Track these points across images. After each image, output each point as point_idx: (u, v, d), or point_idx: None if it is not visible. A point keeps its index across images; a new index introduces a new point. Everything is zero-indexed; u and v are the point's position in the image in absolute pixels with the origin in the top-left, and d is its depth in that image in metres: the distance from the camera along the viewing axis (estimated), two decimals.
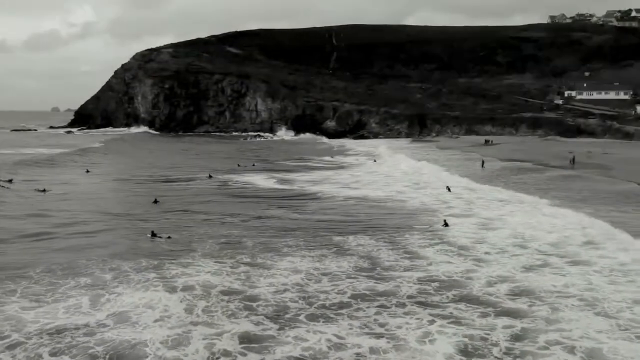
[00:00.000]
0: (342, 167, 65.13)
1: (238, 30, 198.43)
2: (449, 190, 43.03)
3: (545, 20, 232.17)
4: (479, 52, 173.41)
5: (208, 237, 28.27)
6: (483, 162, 62.32)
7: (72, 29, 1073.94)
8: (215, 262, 23.61)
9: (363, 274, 22.31)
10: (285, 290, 20.17)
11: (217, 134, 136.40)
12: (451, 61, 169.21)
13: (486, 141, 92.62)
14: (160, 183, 51.17)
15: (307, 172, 59.82)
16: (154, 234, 28.51)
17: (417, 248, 26.29)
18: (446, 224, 30.46)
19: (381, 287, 20.67)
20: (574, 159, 60.91)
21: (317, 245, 26.79)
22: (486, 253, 25.43)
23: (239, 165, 64.99)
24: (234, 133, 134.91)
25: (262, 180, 51.82)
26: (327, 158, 77.80)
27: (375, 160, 72.77)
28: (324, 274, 22.14)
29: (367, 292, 20.06)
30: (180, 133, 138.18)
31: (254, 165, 65.91)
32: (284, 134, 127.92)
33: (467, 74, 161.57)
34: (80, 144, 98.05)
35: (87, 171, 57.47)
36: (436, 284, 21.01)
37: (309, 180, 52.58)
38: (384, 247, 26.49)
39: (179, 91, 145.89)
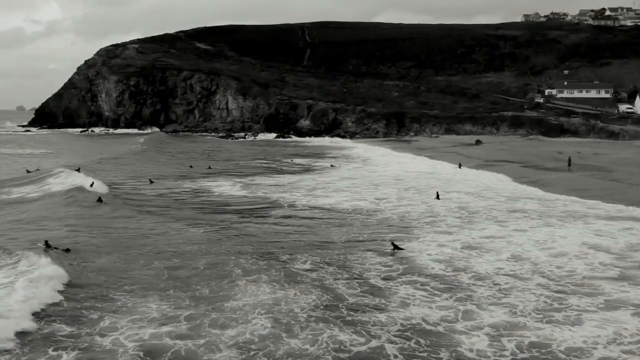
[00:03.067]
0: (312, 171, 58.82)
1: (208, 26, 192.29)
2: (438, 197, 37.70)
3: (510, 19, 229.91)
4: (456, 50, 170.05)
5: (131, 261, 22.52)
6: (460, 164, 57.87)
7: (37, 27, 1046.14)
8: (143, 299, 17.97)
9: (330, 316, 16.97)
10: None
11: (186, 133, 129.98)
12: (428, 59, 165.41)
13: (477, 141, 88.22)
14: None
15: (274, 176, 53.19)
16: (48, 245, 22.92)
17: (381, 281, 20.91)
18: (395, 247, 25.15)
19: (358, 345, 15.24)
20: (570, 161, 56.63)
21: (274, 274, 21.24)
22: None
23: (191, 167, 58.94)
24: (203, 133, 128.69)
25: (220, 186, 45.27)
26: (298, 160, 71.74)
27: (344, 161, 67.55)
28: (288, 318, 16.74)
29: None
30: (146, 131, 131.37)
31: (209, 168, 59.72)
32: (257, 133, 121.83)
33: (445, 72, 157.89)
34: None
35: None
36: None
37: (274, 184, 46.46)
38: (346, 275, 21.24)
39: (145, 88, 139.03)
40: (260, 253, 24.07)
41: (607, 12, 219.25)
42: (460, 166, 57.61)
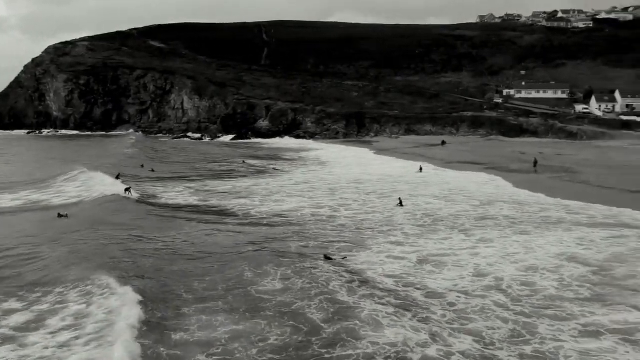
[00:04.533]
0: (269, 174, 56.13)
1: (161, 24, 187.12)
2: (401, 204, 35.60)
3: (460, 21, 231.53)
4: (414, 51, 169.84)
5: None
6: (421, 167, 55.51)
7: None
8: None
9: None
10: None
11: (140, 133, 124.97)
12: (386, 59, 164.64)
13: (443, 142, 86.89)
14: None
15: (229, 180, 50.33)
16: None
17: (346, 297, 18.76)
18: (328, 258, 23.25)
19: None
20: (536, 162, 55.74)
21: (231, 300, 18.84)
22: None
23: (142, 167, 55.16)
24: (158, 134, 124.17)
25: (168, 192, 42.44)
26: (255, 162, 68.76)
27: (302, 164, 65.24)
28: None
29: None
30: (98, 133, 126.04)
31: (152, 170, 56.26)
32: (214, 133, 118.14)
33: (404, 72, 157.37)
34: None
35: None
36: None
37: (228, 191, 43.67)
38: (314, 296, 18.99)
39: (96, 87, 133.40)
40: (213, 273, 21.56)
41: (560, 14, 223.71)
42: (421, 169, 54.65)
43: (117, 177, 47.52)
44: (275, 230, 29.40)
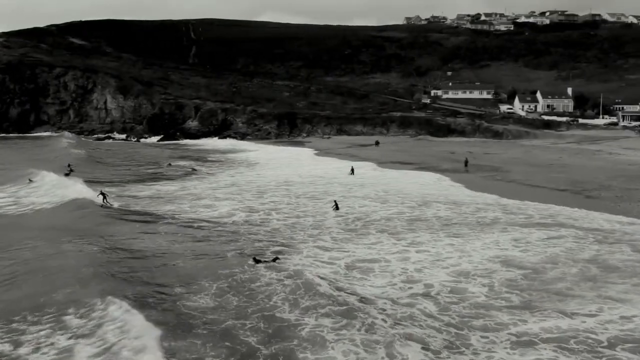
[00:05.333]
0: (197, 177, 53.40)
1: (83, 20, 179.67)
2: (337, 207, 34.68)
3: (385, 23, 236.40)
4: (343, 51, 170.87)
5: None
6: (353, 168, 53.04)
7: None
8: None
9: None
10: None
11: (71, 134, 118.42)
12: (317, 59, 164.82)
13: (376, 142, 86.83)
14: None
15: (152, 184, 47.10)
16: None
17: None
18: (258, 261, 22.82)
19: None
20: (467, 162, 56.50)
21: (161, 316, 17.35)
22: None
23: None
24: (79, 135, 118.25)
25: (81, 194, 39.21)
26: (182, 163, 65.91)
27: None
28: None
29: None
30: (13, 135, 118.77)
31: (71, 170, 52.52)
32: (140, 134, 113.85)
33: (334, 73, 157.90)
34: None
35: None
36: None
37: (152, 196, 41.05)
38: (252, 309, 18.05)
39: (11, 86, 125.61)
40: (140, 290, 19.83)
41: (483, 17, 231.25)
42: (352, 171, 52.39)
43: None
44: (208, 236, 27.88)
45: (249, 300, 18.85)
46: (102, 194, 36.53)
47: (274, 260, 22.99)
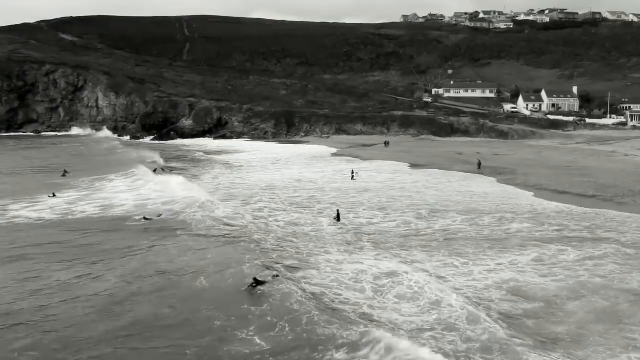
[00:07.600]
0: (193, 179, 50.54)
1: (74, 16, 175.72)
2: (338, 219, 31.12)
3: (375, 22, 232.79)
4: (342, 49, 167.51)
5: None
6: (353, 171, 49.37)
7: None
8: None
9: None
10: None
11: (50, 133, 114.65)
12: (314, 57, 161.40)
13: (386, 143, 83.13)
14: None
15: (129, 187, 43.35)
16: None
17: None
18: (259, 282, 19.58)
19: None
20: (480, 164, 53.19)
21: None
22: None
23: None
24: (70, 133, 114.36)
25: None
26: (173, 164, 61.75)
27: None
28: None
29: None
30: (2, 134, 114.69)
31: (64, 174, 49.70)
32: (132, 133, 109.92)
33: (332, 71, 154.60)
34: None
35: None
36: None
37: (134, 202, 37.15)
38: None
39: (0, 84, 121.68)
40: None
41: (482, 15, 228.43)
42: (353, 176, 48.09)
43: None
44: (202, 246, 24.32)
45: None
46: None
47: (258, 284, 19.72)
